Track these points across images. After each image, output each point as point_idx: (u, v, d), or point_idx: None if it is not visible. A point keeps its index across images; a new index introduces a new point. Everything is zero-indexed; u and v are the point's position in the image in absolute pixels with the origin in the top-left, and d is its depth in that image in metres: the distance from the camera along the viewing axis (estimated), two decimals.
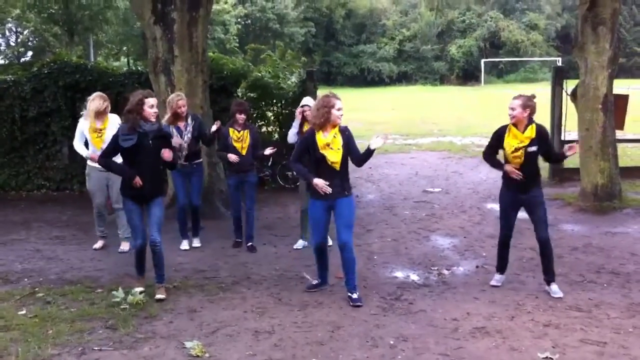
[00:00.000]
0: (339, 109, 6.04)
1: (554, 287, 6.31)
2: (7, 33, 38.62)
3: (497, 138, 6.32)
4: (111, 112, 7.88)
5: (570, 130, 11.65)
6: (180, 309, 6.01)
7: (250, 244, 8.14)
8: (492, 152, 6.43)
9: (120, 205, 8.03)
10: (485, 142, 6.70)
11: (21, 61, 33.76)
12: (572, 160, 11.82)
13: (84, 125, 7.90)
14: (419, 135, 20.30)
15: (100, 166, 7.77)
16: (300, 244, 8.17)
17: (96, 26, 30.97)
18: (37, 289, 6.62)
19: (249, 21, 55.11)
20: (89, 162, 8.03)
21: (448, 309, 5.90)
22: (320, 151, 6.04)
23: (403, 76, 57.39)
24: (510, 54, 57.07)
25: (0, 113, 11.71)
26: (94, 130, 7.77)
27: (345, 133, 6.15)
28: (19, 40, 39.56)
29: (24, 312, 5.97)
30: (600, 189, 9.91)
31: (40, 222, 9.81)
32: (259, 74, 11.97)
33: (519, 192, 6.28)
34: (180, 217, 8.23)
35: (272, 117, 12.45)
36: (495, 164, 6.42)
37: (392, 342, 5.17)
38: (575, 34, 10.48)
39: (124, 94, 10.43)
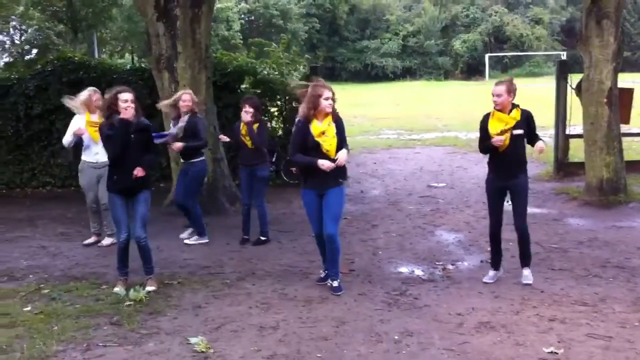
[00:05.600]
0: (326, 98, 6.07)
1: (526, 271, 6.40)
2: (12, 31, 38.61)
3: (484, 128, 6.31)
4: None
5: (575, 124, 11.61)
6: (185, 304, 6.01)
7: (259, 237, 8.15)
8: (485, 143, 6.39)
9: (106, 201, 8.06)
10: None
11: (25, 59, 33.78)
12: (577, 154, 11.83)
13: (79, 121, 7.99)
14: (424, 131, 20.26)
15: (93, 161, 7.90)
16: None
17: (100, 23, 30.95)
18: (42, 286, 6.64)
19: (253, 17, 55.07)
20: (82, 158, 8.11)
21: (453, 304, 5.89)
22: (316, 139, 6.09)
23: (407, 71, 57.24)
24: (515, 49, 56.89)
25: (5, 110, 11.72)
26: (90, 124, 7.88)
27: (338, 122, 6.21)
28: (23, 38, 39.57)
29: (29, 308, 5.99)
30: (605, 183, 9.87)
31: (45, 219, 9.83)
32: (263, 67, 11.94)
33: (505, 178, 6.26)
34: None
35: (276, 113, 12.43)
36: (486, 147, 6.36)
37: (396, 337, 5.16)
38: (580, 27, 10.43)
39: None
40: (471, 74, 55.75)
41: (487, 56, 55.17)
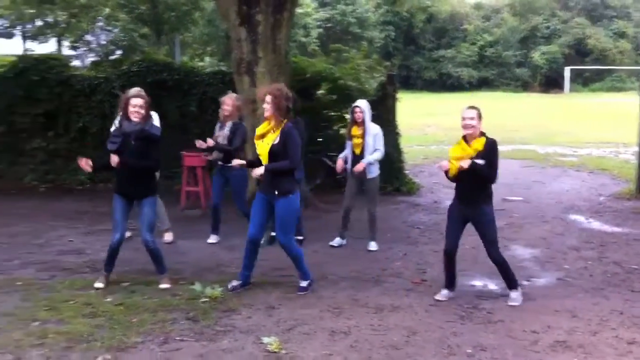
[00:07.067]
0: (263, 101, 6.12)
1: (513, 294, 6.22)
2: (98, 31, 40.09)
3: None
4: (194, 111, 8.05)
5: None
6: (259, 304, 6.12)
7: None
8: None
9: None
10: (569, 151, 6.55)
11: (110, 59, 34.98)
12: None
13: None
14: (500, 143, 19.82)
15: None
16: (337, 241, 8.30)
17: (182, 26, 31.76)
18: (122, 278, 6.87)
19: (330, 24, 55.39)
20: None
21: (527, 321, 5.77)
22: (254, 140, 6.21)
23: (483, 82, 56.29)
24: (597, 62, 55.16)
25: (92, 108, 12.20)
26: None
27: (285, 131, 6.12)
28: (108, 38, 41.01)
29: (110, 299, 6.21)
30: None
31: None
32: (341, 74, 12.00)
33: (466, 206, 6.13)
34: (212, 215, 8.50)
35: None
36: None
37: (469, 351, 5.11)
38: None
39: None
40: (550, 87, 54.33)
41: (567, 69, 53.70)
